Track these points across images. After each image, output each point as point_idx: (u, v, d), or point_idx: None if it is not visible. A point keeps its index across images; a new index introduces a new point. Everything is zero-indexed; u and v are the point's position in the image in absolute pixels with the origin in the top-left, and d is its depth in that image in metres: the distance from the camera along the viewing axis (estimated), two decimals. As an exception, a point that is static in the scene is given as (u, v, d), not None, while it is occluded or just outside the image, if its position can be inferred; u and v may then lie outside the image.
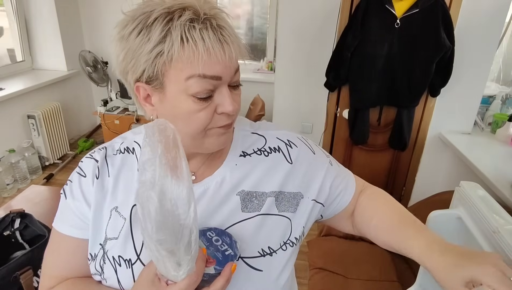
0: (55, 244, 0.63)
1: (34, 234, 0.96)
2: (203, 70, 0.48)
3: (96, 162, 0.62)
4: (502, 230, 1.01)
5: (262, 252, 0.58)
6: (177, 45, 0.47)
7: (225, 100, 0.51)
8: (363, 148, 2.06)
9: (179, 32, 0.46)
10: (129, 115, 2.40)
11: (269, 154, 0.64)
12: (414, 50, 1.69)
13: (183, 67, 0.48)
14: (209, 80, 0.49)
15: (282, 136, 0.66)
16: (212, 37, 0.47)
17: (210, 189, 0.60)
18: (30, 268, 0.84)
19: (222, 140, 0.56)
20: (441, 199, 1.62)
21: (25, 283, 0.83)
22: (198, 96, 0.50)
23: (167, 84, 0.50)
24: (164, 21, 0.47)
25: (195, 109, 0.51)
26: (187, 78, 0.49)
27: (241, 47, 0.51)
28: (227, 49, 0.48)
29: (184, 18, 0.47)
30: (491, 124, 2.00)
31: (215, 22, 0.48)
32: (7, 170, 2.54)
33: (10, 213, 0.96)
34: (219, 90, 0.51)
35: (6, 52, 3.11)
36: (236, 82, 0.54)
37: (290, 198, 0.63)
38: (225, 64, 0.49)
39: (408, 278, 1.54)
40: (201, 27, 0.47)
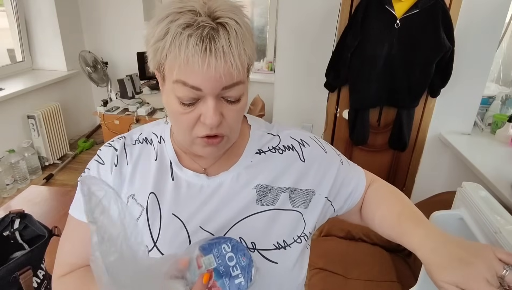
0: (71, 231, 0.64)
1: (33, 234, 0.96)
2: (182, 77, 0.48)
3: (115, 151, 0.64)
4: (504, 231, 1.01)
5: (277, 245, 0.59)
6: (167, 46, 0.47)
7: (206, 112, 0.50)
8: (363, 148, 2.06)
9: (172, 34, 0.46)
10: (129, 115, 2.40)
11: (283, 152, 0.65)
12: (414, 51, 1.69)
13: (171, 68, 0.49)
14: (190, 89, 0.48)
15: (295, 135, 0.68)
16: (197, 45, 0.45)
17: (226, 183, 0.62)
18: (29, 269, 0.84)
19: (207, 151, 0.56)
20: (442, 200, 1.62)
21: (25, 283, 0.83)
22: (181, 101, 0.50)
23: (166, 78, 0.52)
24: (168, 21, 0.47)
25: (179, 111, 0.51)
26: (173, 81, 0.49)
27: (231, 63, 0.47)
28: (208, 60, 0.46)
29: (181, 21, 0.46)
30: (491, 124, 2.00)
31: (210, 31, 0.46)
32: (7, 170, 2.54)
33: (10, 213, 0.96)
34: (204, 99, 0.50)
35: (6, 52, 3.11)
36: (231, 97, 0.51)
37: (304, 195, 0.64)
38: (204, 76, 0.47)
39: (408, 278, 1.54)
40: (190, 33, 0.45)
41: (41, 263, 0.92)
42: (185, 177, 0.62)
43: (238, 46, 0.47)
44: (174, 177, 0.62)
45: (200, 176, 0.62)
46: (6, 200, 2.49)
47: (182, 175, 0.62)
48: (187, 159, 0.64)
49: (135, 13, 3.25)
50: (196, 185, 0.61)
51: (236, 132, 0.58)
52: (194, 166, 0.63)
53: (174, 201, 0.60)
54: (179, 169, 0.62)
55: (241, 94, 0.52)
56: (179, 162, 0.63)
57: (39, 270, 0.91)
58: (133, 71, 2.83)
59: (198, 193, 0.61)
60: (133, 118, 2.39)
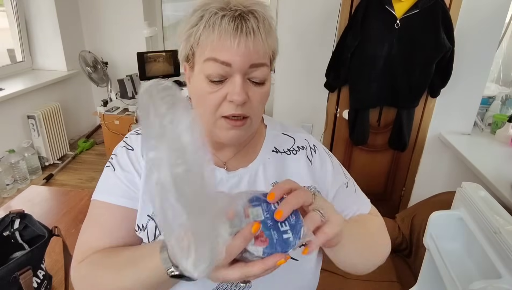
0: (99, 215, 0.63)
1: (33, 234, 0.96)
2: (214, 54, 0.52)
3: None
4: (503, 231, 1.01)
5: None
6: (201, 28, 0.52)
7: (234, 88, 0.53)
8: (363, 148, 2.06)
9: (206, 18, 0.52)
10: (129, 115, 2.40)
11: (297, 152, 0.68)
12: (414, 51, 1.69)
13: (204, 49, 0.53)
14: (220, 65, 0.52)
15: (310, 140, 0.71)
16: (229, 25, 0.50)
17: (244, 181, 0.63)
18: (29, 269, 0.84)
19: (230, 135, 0.57)
20: (441, 200, 1.62)
21: (25, 283, 0.82)
22: (210, 78, 0.53)
23: (196, 64, 0.56)
24: (202, 9, 0.53)
25: (207, 90, 0.54)
26: (204, 60, 0.53)
27: (258, 44, 0.52)
28: (241, 38, 0.50)
29: (214, 5, 0.52)
30: (491, 124, 1.99)
31: (242, 13, 0.51)
32: (6, 171, 2.54)
33: (10, 213, 0.96)
34: (232, 78, 0.53)
35: (6, 52, 3.11)
36: (256, 78, 0.55)
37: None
38: (234, 52, 0.51)
39: (408, 278, 1.54)
40: (224, 14, 0.51)
41: (41, 263, 0.92)
42: None
43: (265, 31, 0.53)
44: None
45: (220, 170, 0.63)
46: (6, 200, 2.49)
47: None
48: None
49: (135, 13, 3.25)
50: (215, 178, 0.63)
51: (258, 118, 0.60)
52: (214, 160, 0.65)
53: None
54: None
55: (265, 77, 0.56)
56: None
57: (39, 270, 0.91)
58: (133, 71, 2.83)
59: (218, 186, 0.62)
60: (133, 118, 2.39)
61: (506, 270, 0.98)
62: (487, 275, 1.06)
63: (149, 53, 2.98)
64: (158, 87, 0.39)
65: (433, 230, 1.26)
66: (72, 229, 1.22)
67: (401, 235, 1.71)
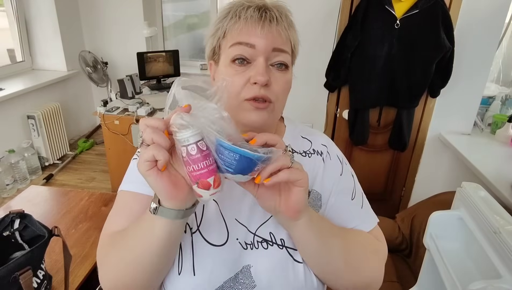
0: (124, 204, 0.64)
1: (33, 234, 0.96)
2: (239, 38, 0.57)
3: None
4: (503, 231, 1.01)
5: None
6: (228, 19, 0.58)
7: (257, 70, 0.56)
8: (363, 148, 2.06)
9: (233, 11, 0.58)
10: (129, 115, 2.39)
11: (312, 155, 0.69)
12: (414, 51, 1.69)
13: (230, 38, 0.58)
14: (244, 47, 0.57)
15: (327, 145, 0.72)
16: (254, 12, 0.56)
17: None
18: (29, 269, 0.84)
19: (253, 117, 0.58)
20: (441, 200, 1.62)
21: (25, 283, 0.82)
22: (235, 59, 0.57)
23: (221, 56, 0.60)
24: (229, 6, 0.59)
25: (232, 73, 0.58)
26: (230, 46, 0.58)
27: (282, 31, 0.57)
28: (265, 23, 0.56)
29: (241, 1, 0.58)
30: (490, 124, 2.00)
31: (265, 6, 0.57)
32: (6, 171, 2.54)
33: (10, 213, 0.96)
34: (256, 62, 0.57)
35: (6, 52, 3.11)
36: (278, 61, 0.58)
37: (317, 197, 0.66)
38: (258, 34, 0.56)
39: (408, 278, 1.54)
40: (250, 6, 0.57)
41: (41, 263, 0.92)
42: None
43: (287, 22, 0.59)
44: None
45: None
46: (6, 200, 2.49)
47: None
48: None
49: (135, 13, 3.25)
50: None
51: (280, 105, 0.62)
52: None
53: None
54: None
55: (288, 63, 0.60)
56: None
57: (39, 270, 0.91)
58: (133, 71, 2.83)
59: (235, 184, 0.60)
60: (133, 118, 2.38)
61: (506, 270, 0.98)
62: (487, 275, 1.06)
63: (149, 53, 2.98)
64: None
65: (433, 230, 1.26)
66: (72, 229, 1.22)
67: (401, 235, 1.71)
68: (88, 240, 1.17)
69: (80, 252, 1.12)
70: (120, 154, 2.50)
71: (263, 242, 0.61)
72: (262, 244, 0.61)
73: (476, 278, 1.09)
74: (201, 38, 3.68)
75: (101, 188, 2.76)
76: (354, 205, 0.69)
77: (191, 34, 3.73)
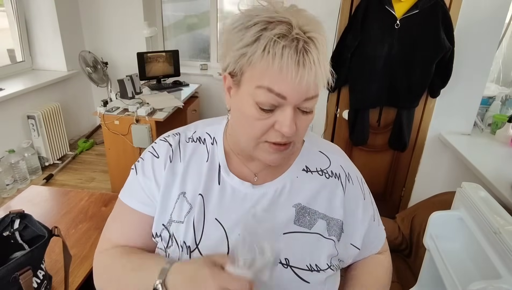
0: (120, 214, 0.68)
1: (33, 234, 0.96)
2: (271, 85, 0.49)
3: (170, 146, 0.66)
4: (503, 231, 1.01)
5: (310, 267, 0.61)
6: (259, 53, 0.48)
7: (284, 120, 0.52)
8: (363, 148, 2.06)
9: (265, 42, 0.48)
10: (129, 115, 2.39)
11: (329, 177, 0.66)
12: (414, 51, 1.69)
13: (257, 74, 0.50)
14: (274, 96, 0.50)
15: (346, 166, 0.69)
16: (291, 57, 0.47)
17: (268, 194, 0.63)
18: (29, 269, 0.84)
19: (272, 158, 0.57)
20: (441, 200, 1.62)
21: (25, 283, 0.82)
22: (261, 106, 0.52)
23: (243, 83, 0.53)
24: (260, 28, 0.49)
25: (256, 116, 0.53)
26: (257, 86, 0.51)
27: (318, 77, 0.50)
28: (301, 72, 0.48)
29: (276, 31, 0.48)
30: (490, 125, 2.00)
31: (303, 44, 0.48)
32: (6, 171, 2.54)
33: (10, 213, 0.96)
34: (283, 108, 0.52)
35: (6, 52, 3.11)
36: (307, 108, 0.53)
37: (337, 225, 0.65)
38: (294, 87, 0.49)
39: (408, 278, 1.54)
40: (286, 44, 0.47)
41: (41, 263, 0.92)
42: (230, 183, 0.63)
43: (324, 62, 0.51)
44: (220, 182, 0.64)
45: (245, 184, 0.63)
46: (6, 200, 2.49)
47: (228, 180, 0.63)
48: (237, 162, 0.65)
49: (135, 13, 3.25)
50: (240, 192, 0.63)
51: (301, 140, 0.60)
52: (243, 170, 0.64)
53: (218, 206, 0.62)
54: (226, 174, 0.64)
55: (314, 106, 0.55)
56: (227, 167, 0.64)
57: (39, 270, 0.91)
58: (133, 71, 2.83)
59: (241, 201, 0.62)
60: (133, 118, 2.38)
61: (506, 270, 0.98)
62: (487, 275, 1.06)
63: (149, 53, 2.98)
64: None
65: (433, 230, 1.26)
66: (72, 229, 1.22)
67: (401, 235, 1.71)
68: (88, 240, 1.17)
69: (80, 252, 1.12)
70: (120, 154, 2.50)
71: None
72: None
73: (476, 278, 1.09)
74: (201, 38, 3.68)
75: (101, 188, 2.76)
76: (375, 226, 0.71)
77: (191, 34, 3.73)
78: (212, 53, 3.61)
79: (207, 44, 3.61)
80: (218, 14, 3.45)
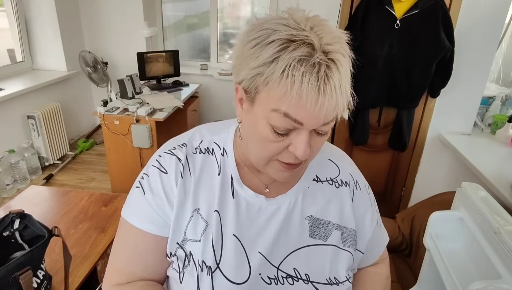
0: (129, 238, 0.62)
1: (33, 234, 0.96)
2: (288, 110, 0.47)
3: (179, 160, 0.61)
4: (503, 231, 1.01)
5: (329, 281, 0.61)
6: (277, 75, 0.45)
7: (299, 144, 0.50)
8: (363, 148, 2.06)
9: (284, 64, 0.45)
10: (129, 115, 2.39)
11: (339, 186, 0.66)
12: (414, 51, 1.69)
13: (273, 97, 0.47)
14: (291, 121, 0.48)
15: (354, 174, 0.69)
16: (312, 84, 0.44)
17: (283, 208, 0.62)
18: (29, 269, 0.84)
19: (281, 176, 0.56)
20: (441, 200, 1.62)
21: (25, 283, 0.82)
22: (276, 129, 0.49)
23: (258, 102, 0.50)
24: (279, 47, 0.45)
25: (269, 138, 0.51)
26: (272, 109, 0.48)
27: (339, 103, 0.47)
28: (321, 100, 0.45)
29: (296, 53, 0.44)
30: (490, 125, 2.00)
31: (325, 70, 0.45)
32: (6, 171, 2.54)
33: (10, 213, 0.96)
34: (299, 132, 0.50)
35: (6, 52, 3.11)
36: (322, 131, 0.51)
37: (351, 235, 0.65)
38: (312, 114, 0.46)
39: (408, 278, 1.54)
40: (306, 70, 0.44)
41: (41, 263, 0.92)
42: (244, 196, 0.62)
43: (346, 85, 0.48)
44: (234, 195, 0.61)
45: (259, 197, 0.62)
46: (6, 200, 2.49)
47: (242, 193, 0.62)
48: (248, 174, 0.64)
49: (135, 13, 3.25)
50: (255, 206, 0.61)
51: (313, 159, 0.58)
52: (255, 182, 0.63)
53: (235, 221, 0.60)
54: (239, 187, 0.62)
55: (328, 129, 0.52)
56: (240, 179, 0.62)
57: (39, 270, 0.91)
58: (133, 71, 2.83)
59: (257, 215, 0.61)
60: (133, 118, 2.38)
61: (506, 270, 0.98)
62: (487, 275, 1.06)
63: (149, 53, 2.98)
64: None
65: (433, 230, 1.26)
66: (72, 229, 1.22)
67: (401, 235, 1.71)
68: (88, 240, 1.17)
69: (80, 252, 1.12)
70: (120, 154, 2.50)
71: (288, 278, 0.59)
72: (288, 280, 0.59)
73: (476, 278, 1.09)
74: (201, 38, 3.68)
75: (101, 188, 2.76)
76: (379, 230, 0.72)
77: (191, 34, 3.74)
78: (212, 53, 3.61)
79: (207, 44, 3.61)
80: (218, 14, 3.45)
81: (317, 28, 0.47)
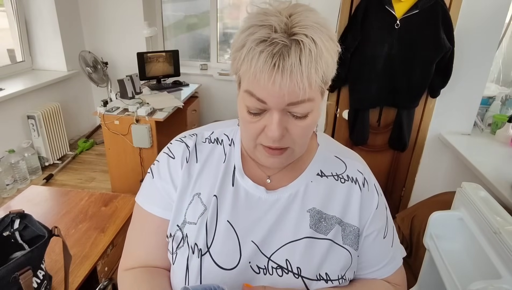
0: (139, 221, 0.67)
1: (33, 234, 0.96)
2: (251, 88, 0.50)
3: (187, 147, 0.65)
4: (503, 231, 1.01)
5: (319, 277, 0.59)
6: (242, 58, 0.49)
7: (270, 125, 0.51)
8: (363, 148, 2.06)
9: (247, 48, 0.48)
10: (129, 115, 2.39)
11: (345, 181, 0.65)
12: (414, 51, 1.69)
13: (245, 79, 0.51)
14: (256, 100, 0.50)
15: (364, 172, 0.67)
16: (266, 62, 0.46)
17: (282, 200, 0.62)
18: (29, 269, 0.84)
19: (269, 162, 0.57)
20: (441, 200, 1.62)
21: (25, 283, 0.82)
22: (249, 110, 0.52)
23: (241, 85, 0.54)
24: (248, 33, 0.48)
25: (247, 119, 0.54)
26: (244, 90, 0.52)
27: (298, 81, 0.47)
28: (277, 78, 0.46)
29: (256, 35, 0.47)
30: (490, 125, 2.00)
31: (282, 48, 0.46)
32: (6, 171, 2.54)
33: (10, 213, 0.96)
34: (271, 112, 0.51)
35: (6, 52, 3.11)
36: (297, 113, 0.51)
37: (353, 232, 0.63)
38: (271, 91, 0.48)
39: (408, 278, 1.54)
40: (262, 49, 0.46)
41: (41, 263, 0.92)
42: (244, 186, 0.63)
43: (309, 65, 0.47)
44: (234, 184, 0.63)
45: (259, 188, 0.62)
46: (6, 200, 2.49)
47: (242, 183, 0.63)
48: (252, 165, 0.65)
49: (135, 13, 3.25)
50: (254, 196, 0.62)
51: (302, 147, 0.58)
52: (257, 173, 0.64)
53: (231, 209, 0.61)
54: (240, 176, 0.63)
55: (308, 111, 0.52)
56: (242, 169, 0.64)
57: (39, 270, 0.91)
58: (133, 71, 2.83)
59: (255, 205, 0.61)
60: (133, 118, 2.39)
61: (506, 270, 0.98)
62: (487, 275, 1.06)
63: (149, 53, 2.98)
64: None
65: (433, 230, 1.26)
66: (72, 229, 1.22)
67: (401, 235, 1.71)
68: (88, 240, 1.17)
69: (80, 252, 1.12)
70: (120, 154, 2.50)
71: (278, 269, 0.59)
72: (277, 271, 0.58)
73: (476, 278, 1.09)
74: (201, 38, 3.68)
75: (101, 188, 2.76)
76: (384, 244, 0.66)
77: (191, 34, 3.74)
78: (212, 53, 3.61)
79: (207, 44, 3.62)
80: (218, 14, 3.46)
81: (296, 16, 0.49)
